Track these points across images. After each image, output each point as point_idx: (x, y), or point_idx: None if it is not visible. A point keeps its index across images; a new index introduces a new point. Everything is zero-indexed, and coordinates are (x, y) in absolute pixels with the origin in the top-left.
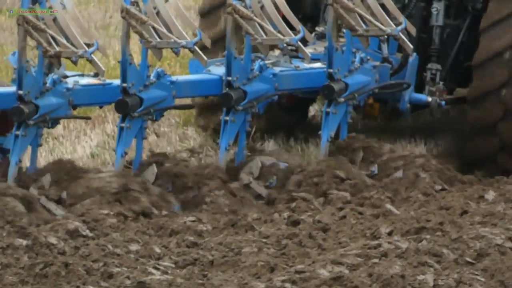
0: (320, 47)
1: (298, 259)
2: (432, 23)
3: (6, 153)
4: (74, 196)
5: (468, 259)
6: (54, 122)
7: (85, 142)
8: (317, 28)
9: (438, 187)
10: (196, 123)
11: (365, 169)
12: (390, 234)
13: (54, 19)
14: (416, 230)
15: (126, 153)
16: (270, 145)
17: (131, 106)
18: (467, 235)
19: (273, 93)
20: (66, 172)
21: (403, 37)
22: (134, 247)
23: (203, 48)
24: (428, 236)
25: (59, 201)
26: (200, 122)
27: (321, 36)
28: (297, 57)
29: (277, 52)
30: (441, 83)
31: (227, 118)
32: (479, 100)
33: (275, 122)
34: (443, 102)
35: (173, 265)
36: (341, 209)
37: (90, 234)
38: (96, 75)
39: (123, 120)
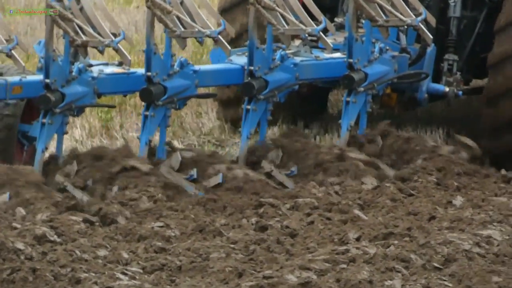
0: (339, 38)
1: (266, 264)
2: (450, 14)
3: (32, 140)
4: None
5: (435, 264)
6: (80, 111)
7: None
8: (336, 19)
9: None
10: (217, 115)
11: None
12: (358, 239)
13: (81, 9)
14: (384, 235)
15: (150, 141)
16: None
17: (155, 94)
18: (435, 241)
19: (294, 82)
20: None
21: (423, 27)
22: (102, 252)
23: None
24: (396, 242)
25: (84, 188)
26: (221, 115)
27: (339, 27)
28: (317, 47)
29: (297, 42)
30: (458, 73)
31: (249, 107)
32: (495, 100)
33: (293, 111)
34: (460, 92)
35: (141, 271)
36: (309, 214)
37: (58, 240)
38: (120, 64)
39: (147, 108)
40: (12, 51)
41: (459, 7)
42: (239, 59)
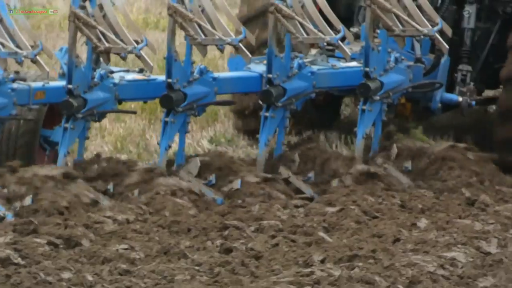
0: (355, 47)
1: (230, 286)
2: (464, 25)
3: (53, 145)
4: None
5: (400, 286)
6: (101, 116)
7: None
8: (351, 29)
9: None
10: (233, 125)
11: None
12: (322, 261)
13: (104, 16)
14: (349, 257)
15: (170, 147)
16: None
17: (176, 101)
18: (399, 263)
19: (311, 90)
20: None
21: (439, 37)
22: (66, 275)
23: None
24: (360, 264)
25: (105, 193)
26: (238, 125)
27: (355, 37)
28: (333, 56)
29: (313, 51)
30: (472, 83)
31: (267, 114)
32: (507, 114)
33: (307, 120)
34: (473, 102)
35: None
36: (273, 236)
37: (22, 262)
38: (141, 71)
39: (167, 114)
40: (37, 57)
41: (473, 19)
42: (257, 67)
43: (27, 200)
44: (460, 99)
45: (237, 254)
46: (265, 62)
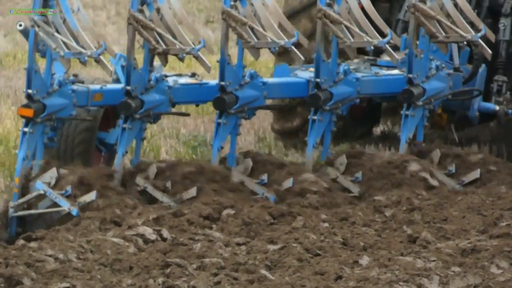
0: (396, 56)
1: None
2: (499, 37)
3: (109, 147)
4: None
5: None
6: (156, 118)
7: None
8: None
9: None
10: (272, 128)
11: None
12: None
13: (161, 18)
14: None
15: (222, 147)
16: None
17: (228, 103)
18: None
19: (356, 96)
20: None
21: (482, 43)
22: None
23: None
24: None
25: (164, 190)
26: (276, 126)
27: (394, 49)
28: (375, 65)
29: (355, 60)
30: (508, 93)
31: (315, 117)
32: None
33: (344, 132)
34: (510, 111)
35: None
36: (215, 274)
37: None
38: (193, 75)
39: (220, 116)
40: (101, 57)
41: (509, 31)
42: (304, 73)
43: None
44: (497, 107)
45: None
46: (310, 69)
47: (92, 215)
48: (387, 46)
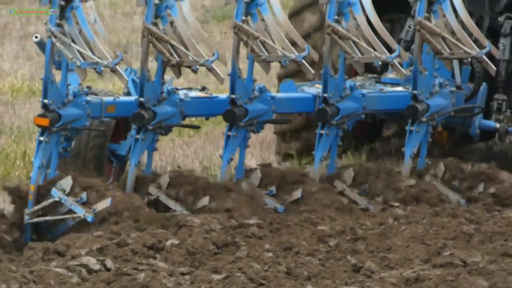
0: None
1: None
2: (499, 57)
3: (120, 159)
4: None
5: None
6: (168, 129)
7: None
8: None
9: None
10: (276, 150)
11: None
12: None
13: (175, 31)
14: None
15: (231, 160)
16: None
17: (238, 116)
18: None
19: (362, 111)
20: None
21: (486, 59)
22: None
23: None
24: None
25: (177, 200)
26: (278, 149)
27: None
28: (379, 82)
29: (359, 78)
30: (508, 111)
31: (322, 131)
32: None
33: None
34: (510, 128)
35: None
36: None
37: None
38: (203, 89)
39: (230, 129)
40: (117, 67)
41: (508, 50)
42: (310, 89)
43: None
44: (498, 125)
45: None
46: (316, 85)
47: (35, 246)
48: (395, 61)
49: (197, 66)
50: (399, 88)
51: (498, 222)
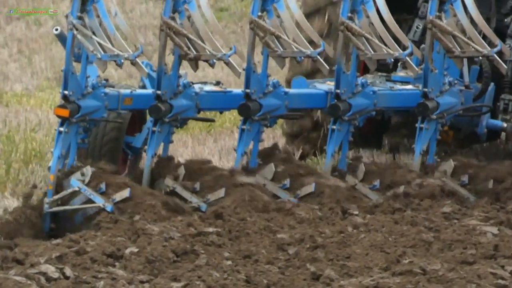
0: (410, 73)
1: None
2: (505, 58)
3: (134, 151)
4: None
5: None
6: (183, 122)
7: None
8: None
9: None
10: (284, 149)
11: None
12: None
13: (192, 25)
14: None
15: (246, 153)
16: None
17: (253, 110)
18: None
19: (372, 108)
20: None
21: (497, 58)
22: None
23: None
24: None
25: (193, 191)
26: (288, 148)
27: (405, 67)
28: (390, 80)
29: (369, 76)
30: None
31: (334, 127)
32: None
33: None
34: None
35: None
36: None
37: None
38: (217, 83)
39: (244, 122)
40: (137, 59)
41: None
42: (322, 86)
43: None
44: (505, 125)
45: None
46: (328, 83)
47: None
48: (407, 58)
49: (214, 60)
50: (409, 86)
51: (457, 230)
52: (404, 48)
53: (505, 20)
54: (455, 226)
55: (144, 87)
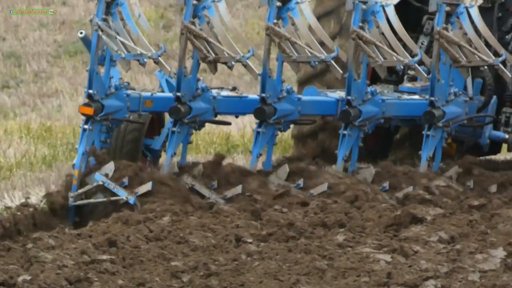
0: (417, 83)
1: None
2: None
3: (153, 153)
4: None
5: None
6: (201, 125)
7: None
8: (409, 72)
9: None
10: (294, 152)
11: None
12: None
13: (211, 29)
14: None
15: (261, 154)
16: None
17: (268, 114)
18: None
19: (381, 116)
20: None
21: (502, 67)
22: None
23: None
24: None
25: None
26: (297, 151)
27: (411, 79)
28: (397, 91)
29: (378, 86)
30: None
31: (345, 132)
32: None
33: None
34: None
35: None
36: None
37: None
38: (233, 89)
39: (259, 125)
40: (159, 58)
41: None
42: (333, 94)
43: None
44: (507, 136)
45: None
46: (338, 92)
47: None
48: (417, 65)
49: (233, 63)
50: (416, 97)
51: (351, 258)
52: (413, 56)
53: (506, 37)
54: (349, 254)
55: (162, 92)
